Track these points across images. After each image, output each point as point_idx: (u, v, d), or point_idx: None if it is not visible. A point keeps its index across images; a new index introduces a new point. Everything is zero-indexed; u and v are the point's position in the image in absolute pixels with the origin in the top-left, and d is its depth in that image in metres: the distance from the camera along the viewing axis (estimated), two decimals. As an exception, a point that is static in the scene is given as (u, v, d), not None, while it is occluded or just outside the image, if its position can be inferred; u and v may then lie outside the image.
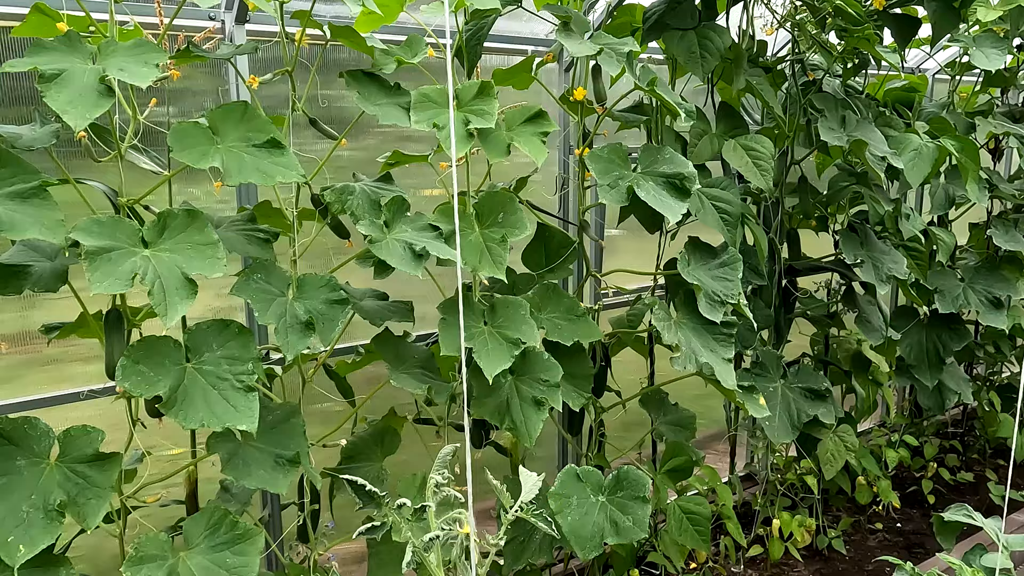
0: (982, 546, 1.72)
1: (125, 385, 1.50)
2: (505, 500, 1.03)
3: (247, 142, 1.64)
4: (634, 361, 3.01)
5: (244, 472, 1.70)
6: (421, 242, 1.84)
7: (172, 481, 2.09)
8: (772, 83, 2.88)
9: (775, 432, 2.78)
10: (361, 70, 2.00)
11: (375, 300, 2.19)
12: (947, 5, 2.76)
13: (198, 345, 1.62)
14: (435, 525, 0.95)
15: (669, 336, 2.16)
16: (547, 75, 2.98)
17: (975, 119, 3.44)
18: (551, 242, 2.48)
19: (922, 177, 2.67)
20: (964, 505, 1.82)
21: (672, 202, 2.08)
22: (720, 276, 2.35)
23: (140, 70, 1.45)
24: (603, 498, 2.12)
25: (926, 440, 4.00)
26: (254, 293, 1.72)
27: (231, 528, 1.67)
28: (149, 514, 2.05)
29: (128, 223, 1.53)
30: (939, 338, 3.50)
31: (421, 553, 0.95)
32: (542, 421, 2.04)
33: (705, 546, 2.47)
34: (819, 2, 2.68)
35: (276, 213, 2.06)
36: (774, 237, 3.03)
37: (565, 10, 2.12)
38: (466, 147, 1.87)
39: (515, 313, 2.06)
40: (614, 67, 2.01)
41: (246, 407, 1.56)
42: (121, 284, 1.43)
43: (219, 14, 2.29)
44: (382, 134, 2.73)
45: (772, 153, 2.46)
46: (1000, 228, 3.58)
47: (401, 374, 2.06)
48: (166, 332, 1.54)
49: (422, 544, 0.95)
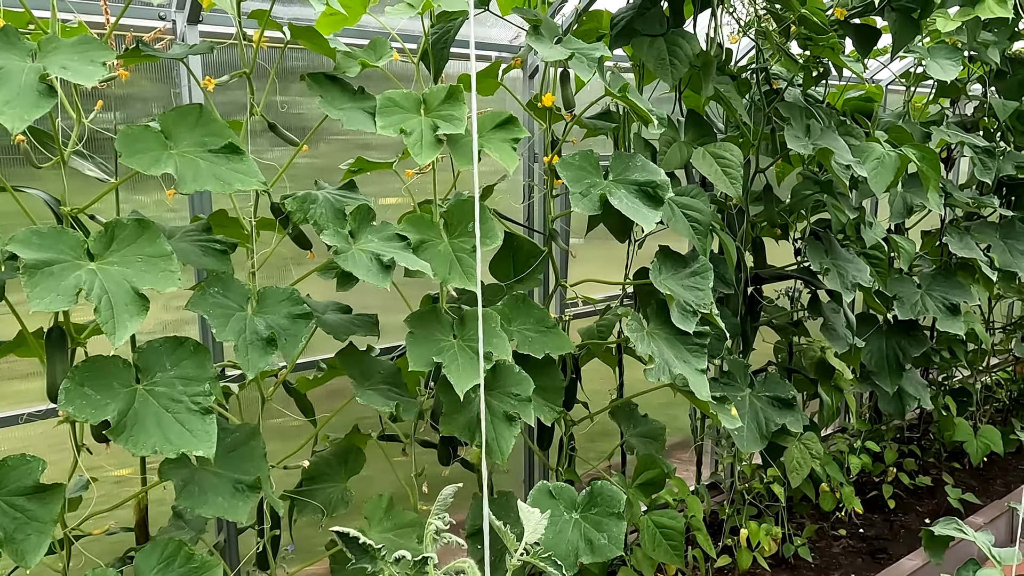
0: (975, 560, 1.71)
1: (69, 410, 1.38)
2: (510, 543, 0.96)
3: (203, 147, 1.54)
4: (600, 372, 2.96)
5: (200, 500, 1.59)
6: (389, 253, 1.76)
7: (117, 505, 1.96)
8: (737, 91, 2.88)
9: (744, 442, 2.76)
10: (323, 73, 1.91)
11: (338, 313, 2.10)
12: (907, 16, 2.80)
13: (150, 365, 1.50)
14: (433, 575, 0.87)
15: (643, 347, 2.12)
16: (511, 82, 2.92)
17: (929, 128, 3.50)
18: (520, 252, 2.41)
19: (885, 185, 2.69)
20: (953, 519, 1.81)
21: (646, 210, 2.04)
22: (691, 285, 2.32)
23: (85, 68, 1.34)
24: (577, 515, 2.06)
25: (886, 445, 4.05)
26: (211, 308, 1.61)
27: (187, 561, 1.55)
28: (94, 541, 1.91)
29: (72, 234, 1.42)
30: (899, 345, 3.54)
31: None
32: (514, 437, 1.98)
33: (679, 560, 2.43)
34: (783, 11, 2.69)
35: (233, 223, 1.95)
36: (740, 245, 3.03)
37: (535, 14, 2.06)
38: (434, 153, 1.80)
39: (485, 326, 1.98)
40: (586, 73, 1.97)
41: (203, 431, 1.45)
42: (64, 301, 1.32)
43: (170, 14, 2.18)
44: (340, 141, 2.64)
45: (741, 161, 2.45)
46: (955, 236, 3.64)
47: (367, 391, 1.97)
48: (114, 351, 1.42)
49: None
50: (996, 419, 4.70)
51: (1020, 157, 3.90)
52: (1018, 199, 4.16)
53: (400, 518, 2.04)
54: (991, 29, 3.40)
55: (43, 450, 1.66)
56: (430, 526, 0.88)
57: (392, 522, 2.03)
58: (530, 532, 0.94)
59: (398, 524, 2.03)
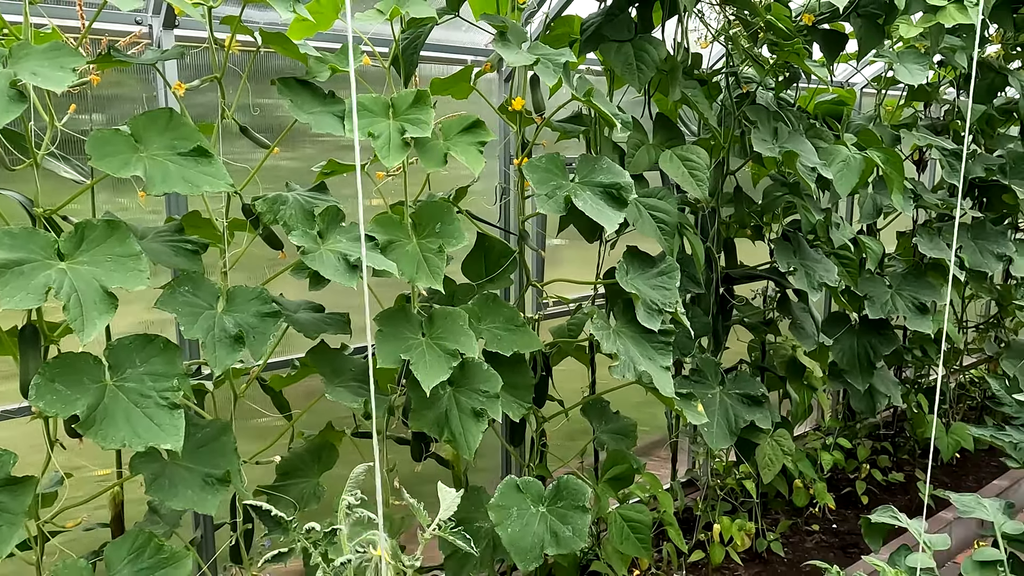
0: (907, 546, 1.77)
1: (39, 405, 1.43)
2: (422, 519, 1.01)
3: (172, 150, 1.59)
4: (577, 371, 3.02)
5: (170, 493, 1.63)
6: (356, 253, 1.81)
7: (99, 504, 2.00)
8: (707, 95, 2.94)
9: (713, 438, 2.82)
10: (294, 77, 1.96)
11: (310, 312, 2.14)
12: (872, 22, 2.87)
13: (120, 361, 1.55)
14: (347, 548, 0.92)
15: (608, 345, 2.17)
16: (488, 85, 2.98)
17: (900, 132, 3.57)
18: (491, 252, 2.47)
19: (850, 187, 2.75)
20: (890, 506, 1.87)
21: (609, 211, 2.09)
22: (658, 285, 2.38)
23: (55, 74, 1.39)
24: (543, 508, 2.11)
25: (859, 442, 4.12)
26: (180, 306, 1.66)
27: (156, 552, 1.60)
28: (73, 539, 1.95)
29: (43, 235, 1.46)
30: (870, 343, 3.61)
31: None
32: (481, 432, 2.03)
33: (647, 554, 2.48)
34: (751, 17, 2.75)
35: (206, 224, 2.00)
36: (711, 246, 3.09)
37: (502, 20, 2.12)
38: (401, 156, 1.85)
39: (453, 324, 2.03)
40: (551, 77, 2.02)
41: (171, 425, 1.50)
42: (34, 299, 1.36)
43: (146, 18, 2.22)
44: (321, 143, 2.69)
45: (708, 163, 2.51)
46: (925, 236, 3.72)
47: (337, 388, 2.02)
48: (83, 348, 1.46)
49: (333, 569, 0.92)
50: (970, 417, 4.78)
51: (990, 159, 3.98)
52: (990, 200, 4.24)
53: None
54: (960, 34, 3.47)
55: (25, 449, 1.70)
56: (343, 501, 0.93)
57: (363, 516, 2.08)
58: (444, 509, 0.99)
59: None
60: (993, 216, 4.22)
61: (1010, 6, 3.65)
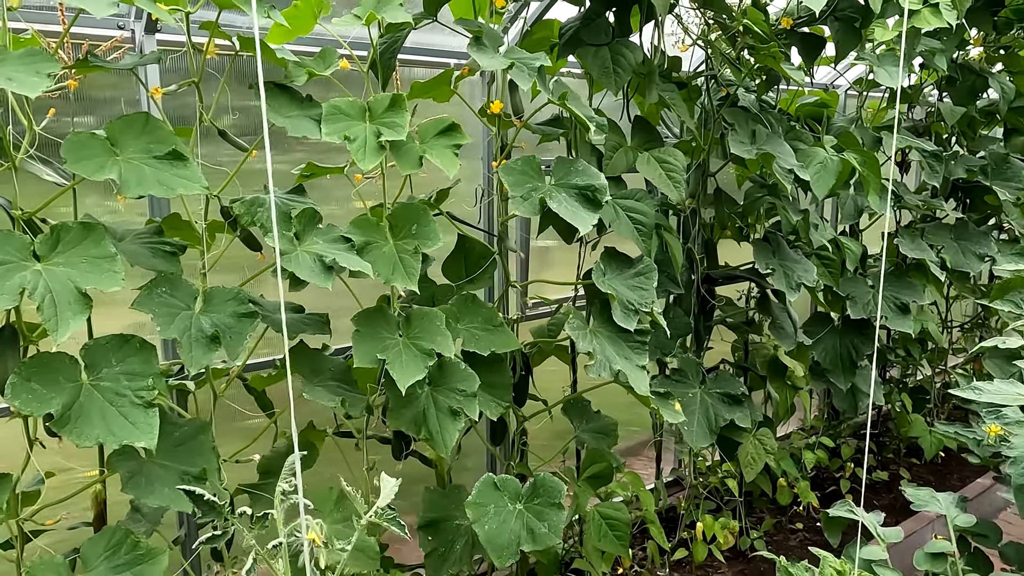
0: (864, 539, 1.80)
1: (15, 404, 1.46)
2: (359, 506, 1.04)
3: (148, 153, 1.62)
4: (562, 371, 3.05)
5: (147, 490, 1.66)
6: (331, 254, 1.84)
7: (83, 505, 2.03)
8: (687, 98, 2.97)
9: (693, 437, 2.85)
10: (272, 82, 1.99)
11: (290, 313, 2.17)
12: (849, 25, 2.91)
13: (96, 361, 1.58)
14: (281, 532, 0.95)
15: (584, 344, 2.20)
16: (471, 89, 3.01)
17: (881, 134, 3.61)
18: (471, 253, 2.50)
19: (827, 188, 2.79)
20: (847, 502, 1.91)
21: (584, 213, 2.12)
22: (635, 285, 2.41)
23: (30, 80, 1.42)
24: (520, 506, 2.14)
25: (843, 442, 4.15)
26: (157, 307, 1.68)
27: (132, 548, 1.63)
28: (61, 540, 1.97)
29: (18, 236, 1.49)
30: (852, 343, 3.64)
31: (267, 560, 0.96)
32: (458, 431, 2.06)
33: (624, 551, 2.51)
34: (729, 21, 2.79)
35: (186, 226, 2.02)
36: (692, 247, 3.13)
37: (478, 25, 2.15)
38: (377, 159, 1.88)
39: (430, 324, 2.06)
40: (525, 81, 2.05)
41: (145, 423, 1.53)
42: (8, 299, 1.39)
43: (128, 23, 2.25)
44: (311, 147, 2.71)
45: (684, 165, 2.54)
46: (906, 237, 3.75)
47: (315, 387, 2.05)
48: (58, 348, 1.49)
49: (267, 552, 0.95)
50: (955, 416, 4.82)
51: (972, 161, 4.02)
52: (973, 201, 4.28)
53: (349, 509, 2.11)
54: (940, 37, 3.52)
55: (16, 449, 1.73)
56: (278, 488, 0.96)
57: (341, 513, 2.10)
58: (383, 497, 1.03)
59: (347, 515, 2.10)
60: (977, 217, 4.27)
61: (989, 9, 3.70)
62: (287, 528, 0.94)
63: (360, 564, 2.06)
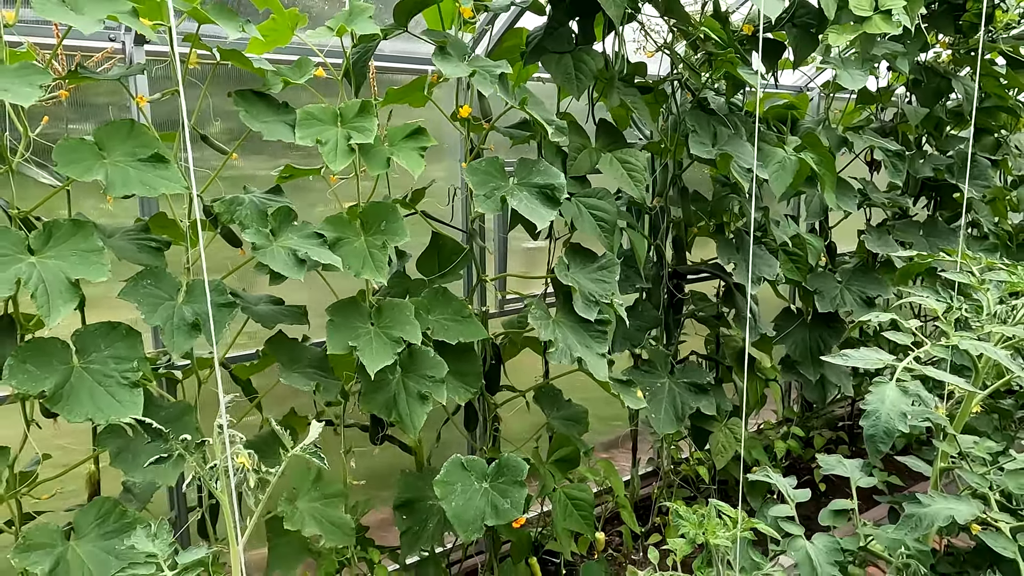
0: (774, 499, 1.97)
1: (12, 383, 1.61)
2: (285, 440, 1.19)
3: (133, 156, 1.77)
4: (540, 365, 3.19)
5: (133, 465, 1.81)
6: (304, 248, 1.99)
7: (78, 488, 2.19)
8: (654, 101, 3.12)
9: (660, 424, 3.00)
10: (251, 89, 2.14)
11: (269, 305, 2.32)
12: (806, 31, 3.06)
13: (86, 346, 1.73)
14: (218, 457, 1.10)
15: (545, 333, 2.35)
16: (448, 94, 3.16)
17: (847, 134, 3.75)
18: (444, 250, 2.65)
19: (784, 186, 2.93)
20: (765, 467, 2.06)
21: (543, 210, 2.27)
22: (598, 279, 2.55)
23: (23, 90, 1.57)
24: (486, 484, 2.28)
25: (817, 432, 4.29)
26: (142, 297, 1.84)
27: (120, 518, 1.78)
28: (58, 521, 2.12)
29: (14, 232, 1.64)
30: (820, 336, 3.78)
31: (208, 483, 1.11)
32: (426, 413, 2.20)
33: (590, 530, 2.65)
34: (690, 28, 2.94)
35: (172, 224, 2.18)
36: (661, 244, 3.27)
37: (443, 35, 2.30)
38: (347, 161, 2.03)
39: (400, 314, 2.21)
40: (487, 87, 2.20)
41: (131, 401, 1.68)
42: (5, 288, 1.55)
43: (119, 35, 2.40)
44: (302, 152, 2.86)
45: (645, 165, 2.68)
46: (873, 234, 3.89)
47: (292, 373, 2.20)
48: (50, 334, 1.65)
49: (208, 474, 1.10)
50: (930, 408, 4.94)
51: (939, 160, 4.16)
52: (942, 199, 4.42)
53: (327, 489, 2.26)
54: (904, 41, 3.66)
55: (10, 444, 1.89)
56: (216, 424, 1.11)
57: (319, 492, 2.25)
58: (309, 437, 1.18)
59: (325, 494, 2.26)
60: (948, 215, 4.40)
61: (952, 13, 3.84)
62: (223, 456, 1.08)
63: (336, 538, 2.21)
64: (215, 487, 1.13)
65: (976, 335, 2.04)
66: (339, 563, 2.47)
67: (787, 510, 1.93)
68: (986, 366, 2.20)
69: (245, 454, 1.13)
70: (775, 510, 1.91)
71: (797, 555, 1.96)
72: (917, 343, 2.02)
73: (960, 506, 1.97)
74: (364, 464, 2.59)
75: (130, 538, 1.71)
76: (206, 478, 1.07)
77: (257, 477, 1.14)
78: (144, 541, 1.22)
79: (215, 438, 1.11)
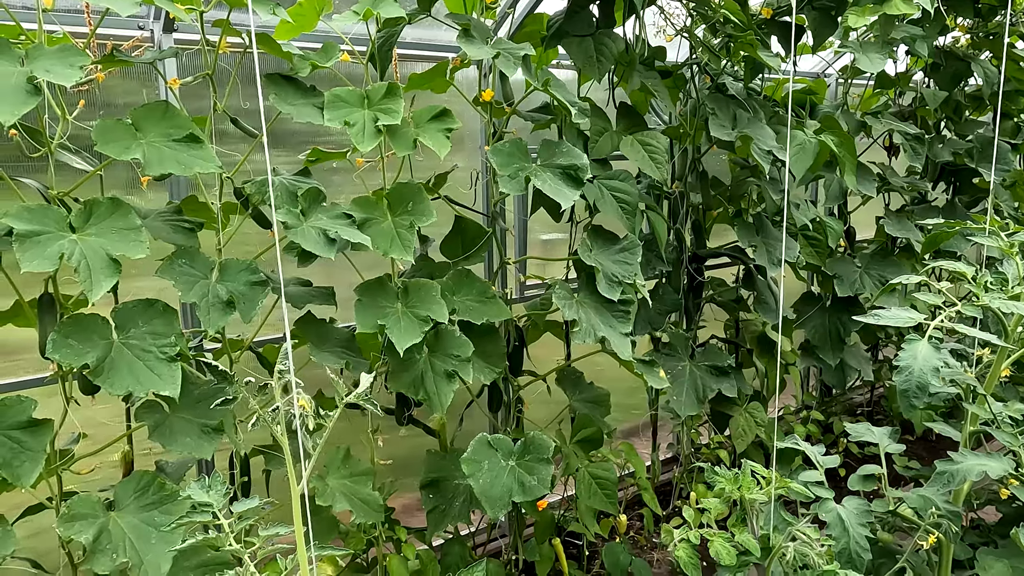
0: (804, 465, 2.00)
1: (55, 357, 1.65)
2: (340, 389, 1.22)
3: (167, 137, 1.81)
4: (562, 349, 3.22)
5: (171, 439, 1.86)
6: (334, 228, 2.02)
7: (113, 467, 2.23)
8: (673, 86, 3.13)
9: (681, 406, 3.02)
10: (279, 73, 2.18)
11: (299, 286, 2.36)
12: (826, 14, 3.06)
13: (125, 322, 1.77)
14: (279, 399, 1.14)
15: (569, 312, 2.38)
16: (469, 80, 3.19)
17: (866, 118, 3.75)
18: (467, 233, 2.68)
19: (805, 168, 2.94)
20: (793, 436, 2.08)
21: (566, 190, 2.30)
22: (620, 260, 2.58)
23: (65, 71, 1.61)
24: (512, 462, 2.31)
25: (837, 418, 4.29)
26: (178, 276, 1.88)
27: (159, 490, 1.82)
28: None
29: (56, 210, 1.69)
30: (840, 320, 3.79)
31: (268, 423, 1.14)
32: (452, 391, 2.23)
33: (613, 507, 2.68)
34: (710, 11, 2.95)
35: (203, 207, 2.22)
36: (681, 228, 3.29)
37: (467, 18, 2.33)
38: (374, 142, 2.06)
39: (427, 294, 2.25)
40: (511, 69, 2.23)
41: (169, 375, 1.72)
42: (49, 263, 1.59)
43: (148, 24, 2.45)
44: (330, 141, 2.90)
45: (666, 148, 2.70)
46: (892, 218, 3.89)
47: (322, 352, 2.24)
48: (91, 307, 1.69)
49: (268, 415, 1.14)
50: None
51: (959, 144, 4.14)
52: (961, 184, 4.41)
53: (355, 467, 2.30)
54: (922, 24, 3.65)
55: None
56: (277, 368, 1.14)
57: (348, 470, 2.29)
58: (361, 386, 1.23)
59: (353, 472, 2.29)
60: (967, 199, 4.39)
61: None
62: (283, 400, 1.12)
63: (365, 515, 2.25)
64: (277, 430, 1.17)
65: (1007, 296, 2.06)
66: (367, 542, 2.51)
67: (817, 475, 1.96)
68: (1016, 326, 2.20)
69: (306, 398, 1.16)
70: (805, 475, 1.93)
71: (828, 516, 1.99)
72: (949, 303, 2.04)
73: (992, 463, 1.99)
74: (387, 451, 2.63)
75: (171, 510, 1.75)
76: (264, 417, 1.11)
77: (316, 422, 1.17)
78: (199, 492, 1.25)
79: (276, 382, 1.14)
